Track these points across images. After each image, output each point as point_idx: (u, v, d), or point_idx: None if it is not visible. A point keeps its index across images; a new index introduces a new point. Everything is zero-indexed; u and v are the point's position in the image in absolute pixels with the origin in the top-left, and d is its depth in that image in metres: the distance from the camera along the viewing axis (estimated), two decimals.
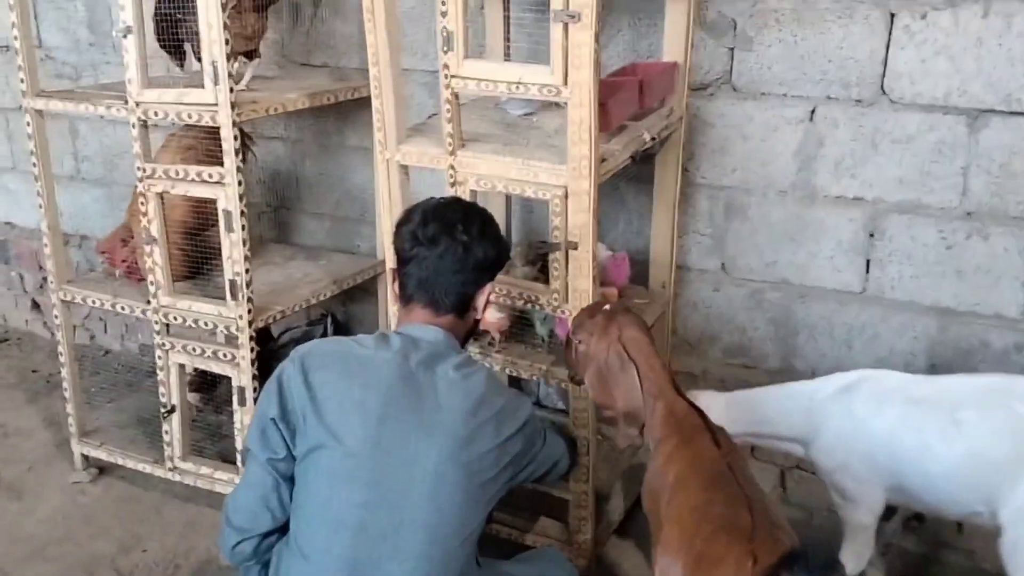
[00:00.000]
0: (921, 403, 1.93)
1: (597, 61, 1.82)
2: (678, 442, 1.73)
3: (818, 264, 2.54)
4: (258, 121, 3.39)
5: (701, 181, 2.62)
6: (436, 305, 1.79)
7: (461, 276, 1.78)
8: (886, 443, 1.93)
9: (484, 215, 1.85)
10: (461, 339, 1.86)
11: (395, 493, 1.63)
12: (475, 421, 1.68)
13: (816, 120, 2.42)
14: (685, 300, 2.74)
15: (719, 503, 1.55)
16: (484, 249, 1.79)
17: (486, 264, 1.81)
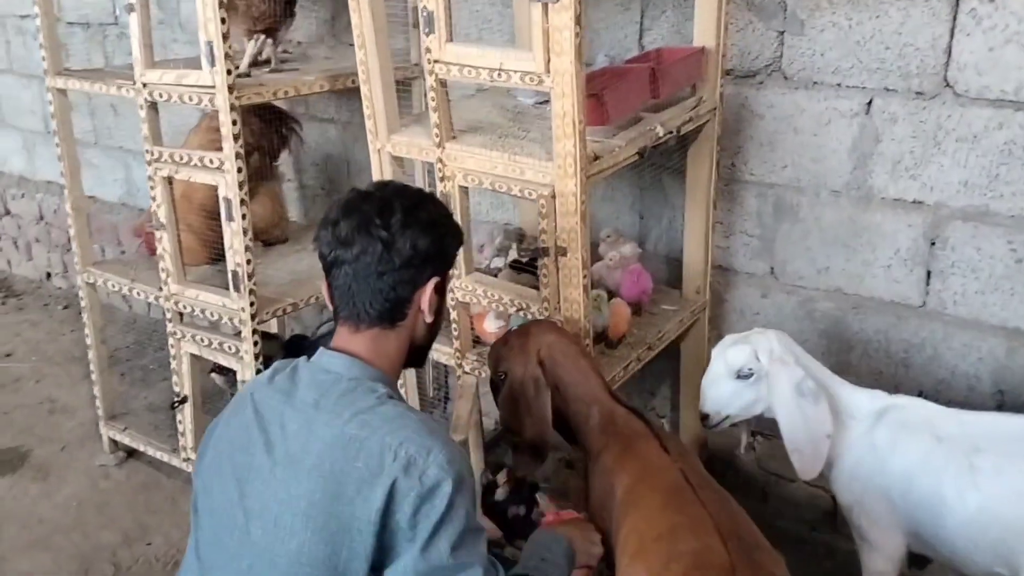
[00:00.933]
0: (943, 442, 1.72)
1: (580, 47, 1.66)
2: (620, 450, 1.60)
3: (874, 273, 2.29)
4: (312, 103, 3.38)
5: (749, 178, 2.40)
6: (357, 318, 1.52)
7: (389, 278, 1.49)
8: (901, 484, 1.75)
9: (410, 200, 1.54)
10: (403, 352, 1.57)
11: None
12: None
13: (873, 113, 2.17)
14: (731, 306, 2.53)
15: (685, 533, 1.41)
16: (411, 240, 1.49)
17: (419, 258, 1.50)
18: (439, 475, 1.35)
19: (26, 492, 2.86)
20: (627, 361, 2.10)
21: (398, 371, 1.58)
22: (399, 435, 1.38)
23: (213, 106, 2.22)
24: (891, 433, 1.79)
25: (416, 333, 1.58)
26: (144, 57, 2.36)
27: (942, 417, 1.79)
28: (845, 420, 1.86)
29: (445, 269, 1.59)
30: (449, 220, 1.61)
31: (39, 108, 4.32)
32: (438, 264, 1.56)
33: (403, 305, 1.53)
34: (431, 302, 1.55)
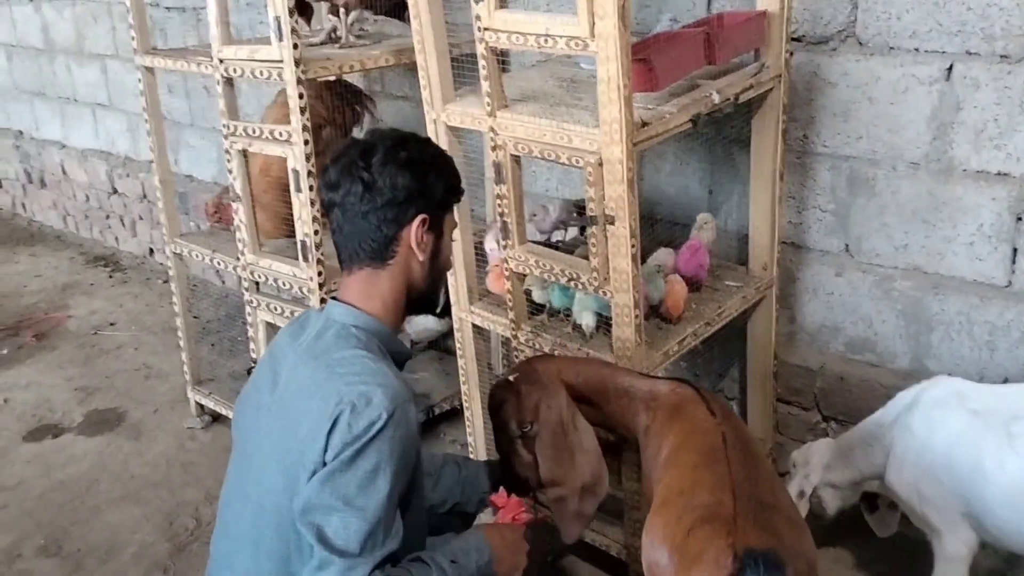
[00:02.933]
0: (979, 414, 1.72)
1: (624, 10, 1.65)
2: (667, 416, 1.62)
3: (955, 250, 2.19)
4: (387, 80, 3.45)
5: (822, 150, 2.33)
6: (350, 260, 1.61)
7: (372, 217, 1.56)
8: (944, 461, 1.75)
9: (392, 141, 1.60)
10: (398, 293, 1.62)
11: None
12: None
13: (953, 80, 2.08)
14: (804, 284, 2.47)
15: (704, 489, 1.43)
16: (391, 179, 1.55)
17: (400, 196, 1.56)
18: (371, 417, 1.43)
19: (120, 450, 3.06)
20: (683, 336, 2.07)
21: (396, 314, 1.64)
22: (350, 380, 1.46)
23: (282, 80, 2.31)
24: (925, 414, 1.81)
25: (412, 274, 1.63)
26: (220, 34, 2.47)
27: (974, 391, 1.80)
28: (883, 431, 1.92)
29: (432, 207, 1.61)
30: (434, 159, 1.64)
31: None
32: (422, 202, 1.59)
33: (390, 243, 1.59)
34: (420, 240, 1.60)
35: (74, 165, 5.16)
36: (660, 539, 1.43)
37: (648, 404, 1.68)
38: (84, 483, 2.89)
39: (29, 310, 4.31)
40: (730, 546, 1.31)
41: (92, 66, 4.81)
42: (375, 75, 3.39)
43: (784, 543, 1.32)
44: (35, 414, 3.35)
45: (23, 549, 2.61)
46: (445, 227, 1.67)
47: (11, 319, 4.18)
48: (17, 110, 5.53)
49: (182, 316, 3.06)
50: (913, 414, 1.86)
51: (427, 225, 1.60)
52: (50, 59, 5.09)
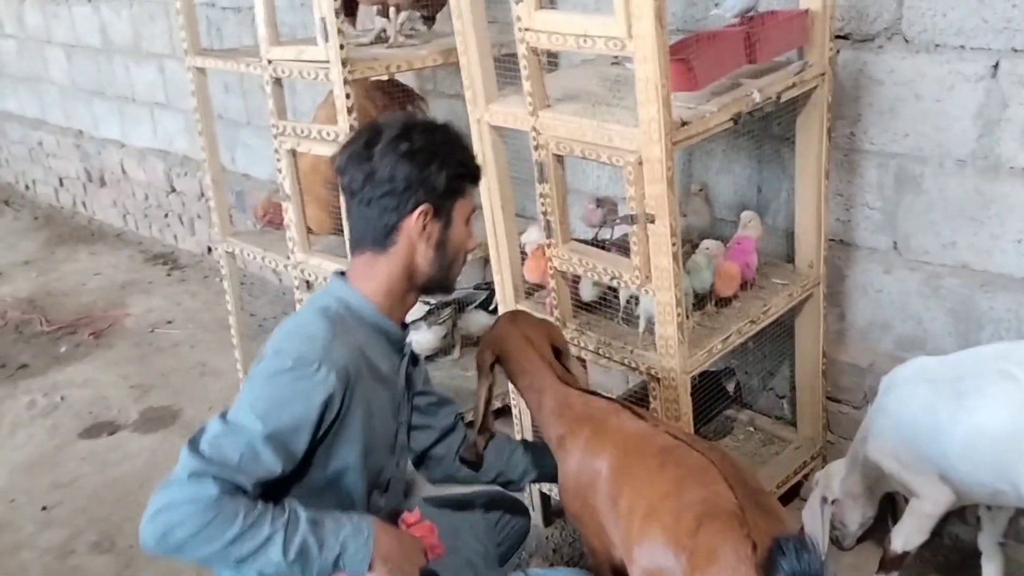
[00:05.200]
0: (936, 382, 1.96)
1: (660, 10, 1.74)
2: (592, 432, 1.69)
3: (1004, 248, 2.24)
4: (440, 79, 3.57)
5: (869, 147, 2.39)
6: (356, 243, 1.73)
7: (374, 205, 1.65)
8: (912, 430, 1.98)
9: (398, 129, 1.66)
10: (396, 278, 1.71)
11: None
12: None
13: (999, 77, 2.13)
14: (853, 282, 2.53)
15: (690, 484, 1.49)
16: (390, 169, 1.63)
17: (399, 187, 1.64)
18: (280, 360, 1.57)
19: (175, 447, 3.20)
20: (727, 334, 2.16)
21: (392, 297, 1.73)
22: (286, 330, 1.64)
23: (328, 80, 2.44)
24: (896, 392, 2.05)
25: (415, 261, 1.71)
26: (268, 35, 2.61)
27: (933, 363, 2.04)
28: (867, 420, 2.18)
29: (436, 197, 1.68)
30: (438, 148, 1.68)
31: None
32: (423, 193, 1.66)
33: (390, 232, 1.68)
34: (423, 231, 1.68)
35: (133, 164, 5.40)
36: (662, 545, 1.47)
37: (561, 413, 1.77)
38: (138, 480, 3.06)
39: (88, 308, 4.54)
40: (747, 536, 1.35)
41: (150, 65, 5.03)
42: (427, 74, 3.51)
43: (788, 524, 1.39)
44: (91, 411, 3.54)
45: (76, 545, 2.78)
46: (455, 214, 1.73)
47: (70, 317, 4.41)
48: (77, 109, 5.79)
49: (235, 314, 3.22)
50: (888, 395, 2.09)
51: (430, 215, 1.68)
52: (108, 58, 5.33)
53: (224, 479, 1.49)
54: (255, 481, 1.52)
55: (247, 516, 1.48)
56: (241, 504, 1.49)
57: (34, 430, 3.43)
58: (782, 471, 2.49)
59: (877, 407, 2.11)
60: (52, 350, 4.07)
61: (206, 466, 1.49)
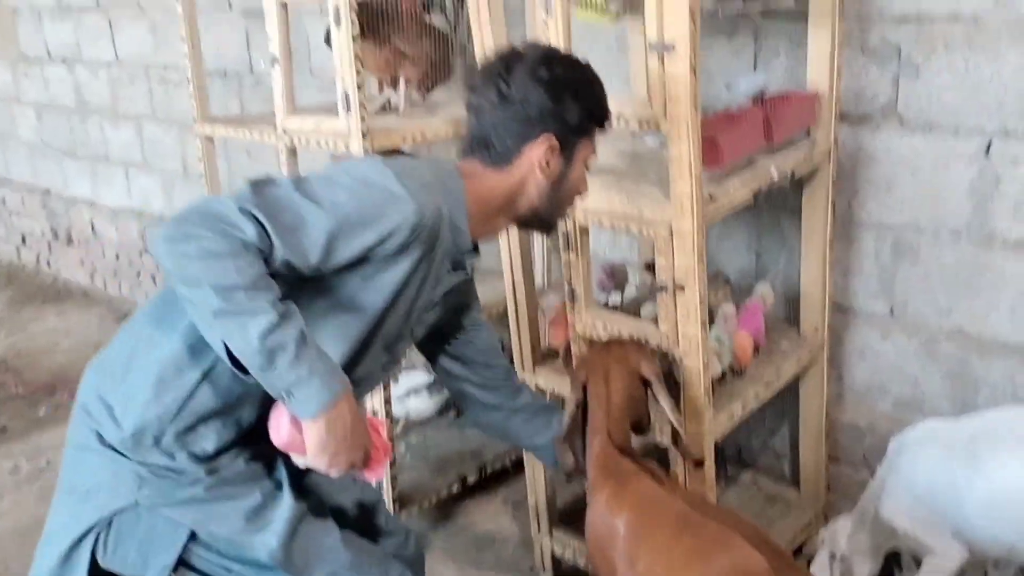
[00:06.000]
0: (949, 444, 2.07)
1: (695, 94, 1.87)
2: (613, 491, 1.77)
3: (997, 315, 2.39)
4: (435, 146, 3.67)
5: (866, 218, 2.54)
6: (470, 151, 1.73)
7: (500, 126, 1.67)
8: (929, 489, 2.07)
9: (539, 57, 1.68)
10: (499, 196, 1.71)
11: None
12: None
13: (992, 155, 2.30)
14: (851, 346, 2.66)
15: (715, 549, 1.55)
16: (524, 93, 1.64)
17: (531, 112, 1.65)
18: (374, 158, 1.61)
19: None
20: (745, 398, 2.26)
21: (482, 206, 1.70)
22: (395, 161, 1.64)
23: (348, 150, 2.52)
24: (909, 454, 2.14)
25: (526, 189, 1.73)
26: (285, 106, 2.69)
27: (944, 426, 2.14)
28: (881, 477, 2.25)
29: (565, 130, 1.69)
30: (578, 83, 1.70)
31: (178, 151, 4.80)
32: (553, 123, 1.67)
33: (510, 155, 1.69)
34: (544, 161, 1.69)
35: (105, 223, 5.39)
36: None
37: (601, 464, 1.84)
38: None
39: (63, 369, 4.48)
40: None
41: (127, 126, 5.06)
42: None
43: None
44: None
45: None
46: (577, 154, 1.74)
47: (46, 378, 4.36)
48: (45, 168, 5.78)
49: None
50: (900, 456, 2.18)
51: (556, 148, 1.69)
52: (83, 118, 5.35)
53: (266, 234, 1.41)
54: (285, 258, 1.44)
55: (257, 279, 1.39)
56: (258, 266, 1.40)
57: (20, 496, 3.38)
58: (789, 530, 2.58)
59: (890, 468, 2.21)
60: (30, 413, 4.02)
61: (258, 211, 1.42)
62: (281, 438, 1.51)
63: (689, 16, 1.82)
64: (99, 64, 5.07)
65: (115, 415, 1.57)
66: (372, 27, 2.67)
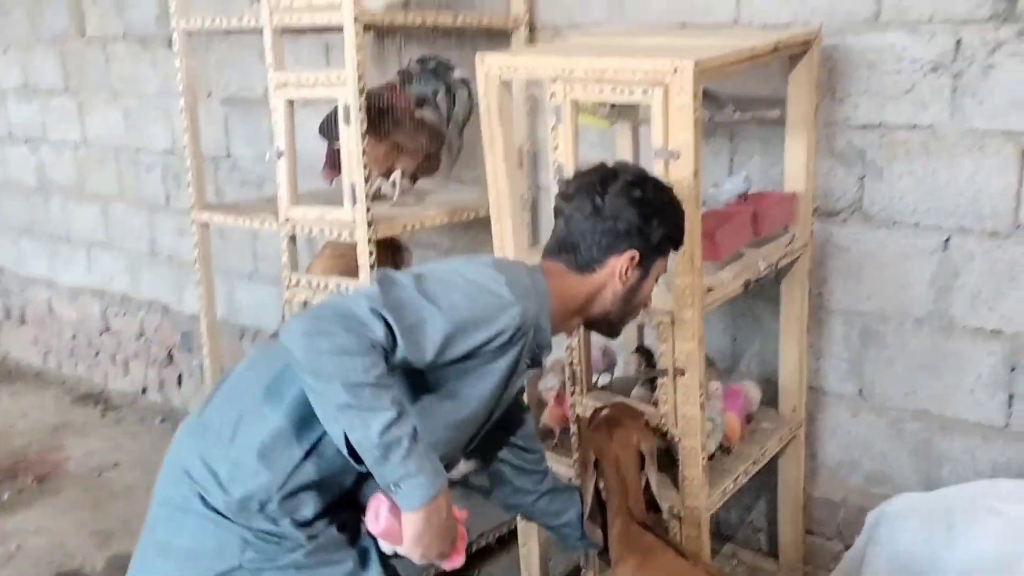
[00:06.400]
0: (927, 516, 2.21)
1: (697, 196, 2.06)
2: (636, 564, 1.91)
3: (959, 396, 2.61)
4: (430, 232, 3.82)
5: (836, 306, 2.76)
6: (555, 252, 1.88)
7: (589, 236, 1.82)
8: (909, 559, 2.19)
9: (633, 177, 1.85)
10: (578, 299, 1.86)
11: None
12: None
13: (950, 250, 2.54)
14: (824, 425, 2.85)
15: None
16: (618, 210, 1.81)
17: (621, 228, 1.81)
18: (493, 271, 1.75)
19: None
20: (735, 475, 2.42)
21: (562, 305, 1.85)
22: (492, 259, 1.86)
23: (352, 239, 2.66)
24: (888, 526, 2.27)
25: (604, 294, 1.88)
26: (289, 196, 2.82)
27: (921, 499, 2.29)
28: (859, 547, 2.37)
29: (647, 247, 1.86)
30: (664, 206, 1.88)
31: (146, 233, 4.86)
32: (638, 241, 1.84)
33: (595, 263, 1.85)
34: (624, 272, 1.85)
35: (63, 302, 5.37)
36: None
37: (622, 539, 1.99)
38: None
39: (22, 451, 4.42)
40: None
41: (92, 206, 5.09)
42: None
43: None
44: (51, 560, 3.46)
45: None
46: (653, 269, 1.92)
47: (5, 461, 4.29)
48: (1, 246, 5.75)
49: None
50: (879, 528, 2.31)
51: (636, 261, 1.85)
52: (44, 198, 5.37)
53: (391, 333, 1.53)
54: (404, 356, 1.56)
55: (381, 377, 1.51)
56: (383, 364, 1.52)
57: None
58: None
59: (869, 539, 2.37)
60: None
61: (386, 311, 1.54)
62: (380, 527, 1.62)
63: (693, 127, 2.02)
64: (65, 145, 5.12)
65: (221, 480, 1.66)
66: (373, 122, 2.83)
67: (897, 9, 2.49)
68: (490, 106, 2.34)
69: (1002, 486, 2.23)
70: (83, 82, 4.90)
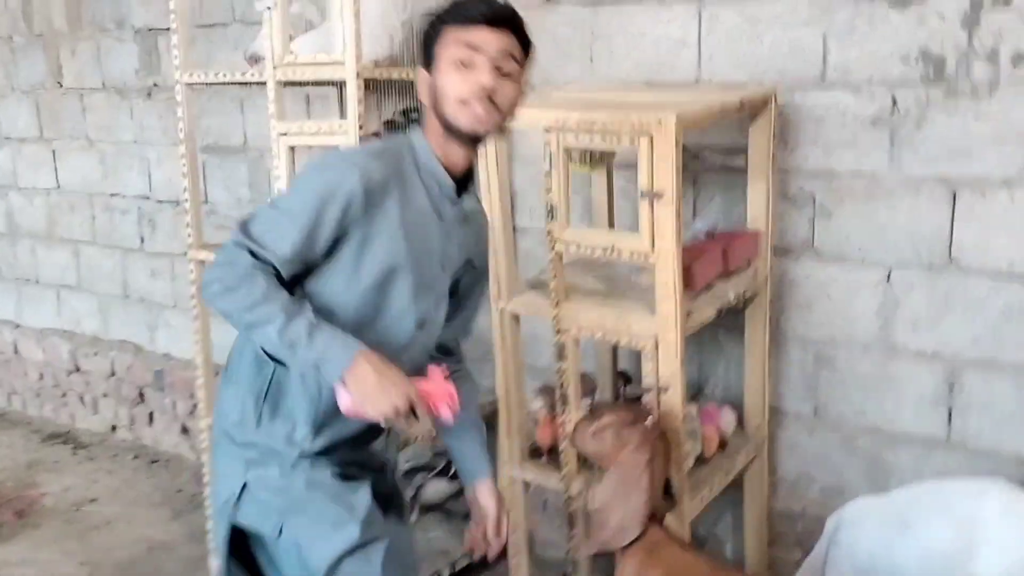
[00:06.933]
0: (882, 517, 2.37)
1: (679, 232, 2.33)
2: (644, 556, 2.09)
3: (904, 413, 2.90)
4: None
5: (792, 333, 3.04)
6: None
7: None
8: (869, 560, 2.34)
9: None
10: (434, 128, 1.94)
11: None
12: None
13: (893, 283, 2.84)
14: (783, 442, 3.12)
15: None
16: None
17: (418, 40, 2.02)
18: (326, 157, 1.99)
19: None
20: (711, 485, 2.67)
21: (437, 143, 1.96)
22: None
23: None
24: (848, 529, 2.43)
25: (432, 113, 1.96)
26: None
27: (876, 502, 2.44)
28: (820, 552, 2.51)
29: (427, 52, 1.95)
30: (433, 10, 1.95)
31: (118, 275, 4.97)
32: (424, 51, 1.95)
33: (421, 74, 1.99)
34: (426, 87, 1.95)
35: (30, 344, 5.42)
36: None
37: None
38: None
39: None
40: None
41: (63, 250, 5.19)
42: None
43: None
44: None
45: None
46: (440, 61, 1.90)
47: None
48: None
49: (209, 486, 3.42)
50: (839, 532, 2.47)
51: (427, 70, 1.93)
52: (12, 241, 5.44)
53: (257, 254, 1.80)
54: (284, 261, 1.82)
55: (266, 291, 1.78)
56: (263, 280, 1.79)
57: None
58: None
59: (830, 542, 2.54)
60: None
61: (246, 239, 1.82)
62: (344, 406, 1.81)
63: (674, 171, 2.29)
64: (36, 191, 5.22)
65: (224, 410, 2.05)
66: None
67: (840, 72, 2.82)
68: (487, 153, 2.59)
69: (949, 485, 2.48)
70: (58, 130, 5.03)
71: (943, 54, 2.64)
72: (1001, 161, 2.61)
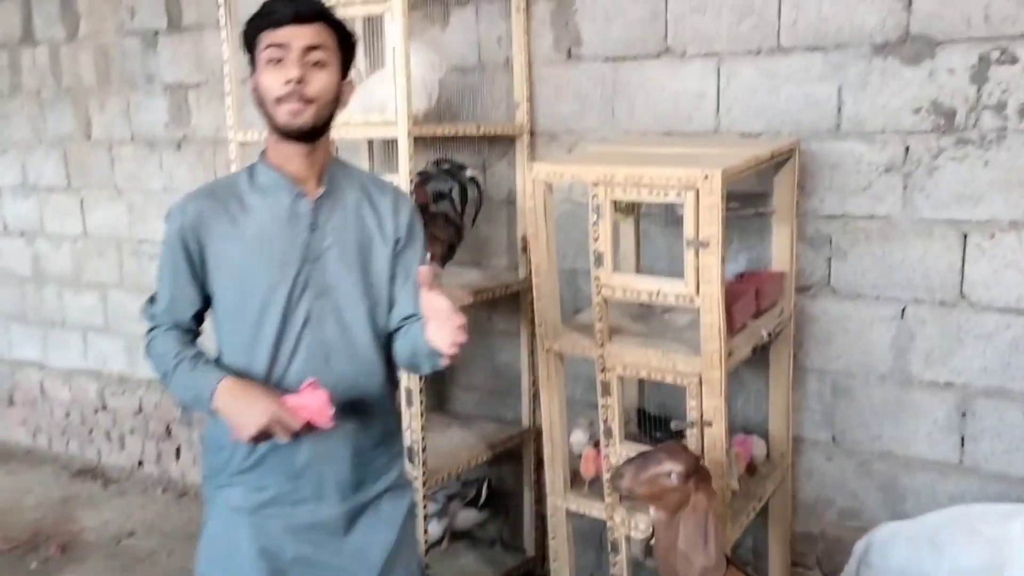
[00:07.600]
0: (913, 539, 2.43)
1: (722, 277, 2.38)
2: None
3: (918, 439, 2.96)
4: None
5: (810, 366, 3.10)
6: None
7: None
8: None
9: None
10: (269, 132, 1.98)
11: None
12: None
13: (907, 318, 2.91)
14: (802, 468, 3.17)
15: None
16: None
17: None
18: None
19: None
20: (746, 512, 2.71)
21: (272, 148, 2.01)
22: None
23: None
24: (878, 551, 2.49)
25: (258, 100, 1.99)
26: None
27: (906, 525, 2.52)
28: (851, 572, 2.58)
29: (251, 56, 1.95)
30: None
31: None
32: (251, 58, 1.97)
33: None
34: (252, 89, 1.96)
35: (57, 384, 5.37)
36: None
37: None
38: None
39: (38, 524, 4.42)
40: None
41: (91, 294, 5.16)
42: None
43: None
44: None
45: None
46: (258, 63, 1.91)
47: (24, 534, 4.29)
48: None
49: None
50: (869, 554, 2.54)
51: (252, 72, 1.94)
52: (38, 287, 5.39)
53: (155, 320, 1.99)
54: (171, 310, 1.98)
55: (159, 360, 1.97)
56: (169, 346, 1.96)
57: None
58: None
59: (862, 564, 2.61)
60: (21, 568, 3.96)
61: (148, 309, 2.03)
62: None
63: (719, 222, 2.34)
64: (63, 238, 5.19)
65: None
66: None
67: (854, 122, 2.90)
68: (536, 206, 2.63)
69: (976, 509, 2.54)
70: (86, 180, 5.02)
71: (953, 106, 2.73)
72: (1009, 205, 2.70)
